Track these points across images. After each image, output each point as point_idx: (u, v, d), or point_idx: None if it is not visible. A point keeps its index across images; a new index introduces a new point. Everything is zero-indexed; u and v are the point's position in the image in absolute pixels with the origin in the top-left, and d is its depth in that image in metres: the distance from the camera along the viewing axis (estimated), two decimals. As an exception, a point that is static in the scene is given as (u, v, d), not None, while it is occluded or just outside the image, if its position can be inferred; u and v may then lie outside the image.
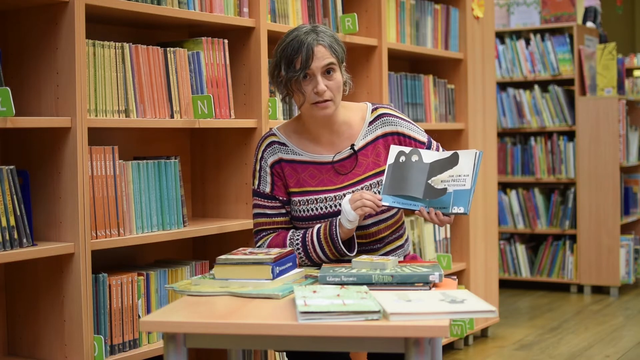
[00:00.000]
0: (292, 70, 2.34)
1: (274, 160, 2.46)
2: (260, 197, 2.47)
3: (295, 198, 2.44)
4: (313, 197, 2.41)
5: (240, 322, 1.84)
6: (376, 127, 2.46)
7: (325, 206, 2.40)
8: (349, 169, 2.43)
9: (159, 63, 2.67)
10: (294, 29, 2.41)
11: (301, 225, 2.44)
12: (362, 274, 2.09)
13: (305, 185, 2.43)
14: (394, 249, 2.47)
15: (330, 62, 2.35)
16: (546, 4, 5.93)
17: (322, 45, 2.34)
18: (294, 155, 2.45)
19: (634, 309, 5.24)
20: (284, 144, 2.47)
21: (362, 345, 1.85)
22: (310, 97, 2.36)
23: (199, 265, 2.84)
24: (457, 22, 4.21)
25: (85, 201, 2.38)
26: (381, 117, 2.48)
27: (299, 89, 2.36)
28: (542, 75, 5.95)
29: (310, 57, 2.32)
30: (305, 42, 2.33)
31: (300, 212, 2.42)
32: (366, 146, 2.44)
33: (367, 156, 2.44)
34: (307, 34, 2.35)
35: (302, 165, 2.45)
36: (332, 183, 2.42)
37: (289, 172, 2.45)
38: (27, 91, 2.47)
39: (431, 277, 2.07)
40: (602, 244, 5.68)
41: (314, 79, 2.35)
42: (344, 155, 2.44)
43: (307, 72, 2.33)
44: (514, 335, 4.56)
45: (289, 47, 2.35)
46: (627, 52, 10.20)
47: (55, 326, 2.43)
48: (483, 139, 4.38)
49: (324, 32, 2.38)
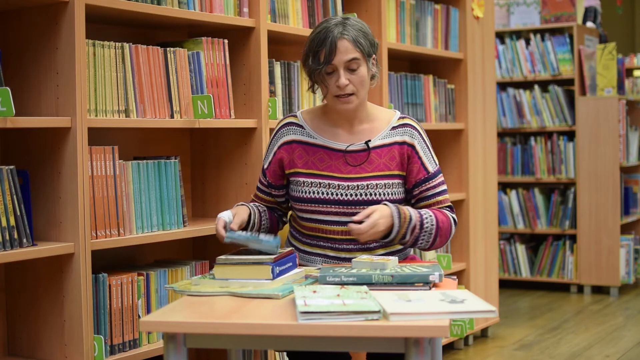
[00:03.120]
0: (316, 62, 2.36)
1: (284, 141, 2.49)
2: (262, 172, 2.56)
3: (300, 178, 2.44)
4: (317, 180, 2.42)
5: (240, 322, 1.84)
6: (397, 133, 2.46)
7: (328, 192, 2.40)
8: (359, 162, 2.43)
9: (159, 63, 2.67)
10: (326, 20, 2.43)
11: (300, 207, 2.44)
12: (362, 274, 2.09)
13: (312, 168, 2.44)
14: (393, 251, 2.46)
15: (354, 57, 2.35)
16: (546, 4, 5.93)
17: (347, 39, 2.34)
18: (308, 138, 2.47)
19: (634, 309, 5.24)
20: (301, 126, 2.49)
21: (362, 345, 1.85)
22: (332, 90, 2.37)
23: (199, 265, 2.84)
24: (457, 22, 4.21)
25: (85, 201, 2.38)
26: (405, 126, 2.48)
27: (322, 81, 2.38)
28: (542, 75, 5.95)
29: (334, 50, 2.33)
30: (331, 35, 2.34)
31: (301, 193, 2.43)
32: (382, 147, 2.44)
33: (381, 156, 2.43)
34: (335, 26, 2.36)
35: (314, 148, 2.46)
36: (339, 171, 2.42)
37: (299, 153, 2.46)
38: (27, 91, 2.47)
39: (431, 277, 2.07)
40: (602, 244, 5.67)
41: (336, 72, 2.36)
42: (357, 147, 2.44)
43: (330, 65, 2.35)
44: (514, 335, 4.56)
45: (316, 39, 2.37)
46: (627, 52, 10.20)
47: (55, 326, 2.43)
48: (483, 139, 4.38)
49: (352, 25, 2.38)
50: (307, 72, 2.42)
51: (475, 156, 4.29)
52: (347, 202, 2.39)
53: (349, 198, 2.39)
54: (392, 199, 2.41)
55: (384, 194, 2.40)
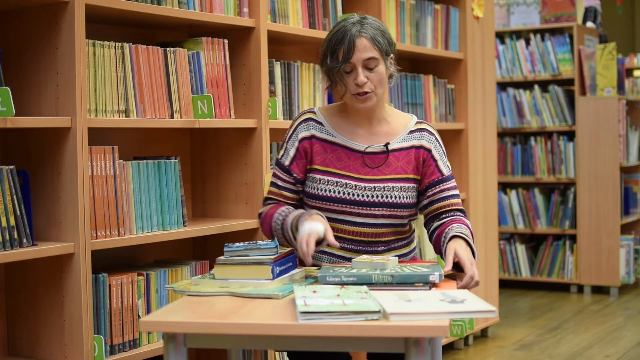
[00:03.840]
0: (334, 61, 2.36)
1: (304, 136, 2.48)
2: (279, 168, 2.51)
3: (316, 175, 2.44)
4: (334, 179, 2.42)
5: (240, 322, 1.84)
6: (414, 137, 2.48)
7: (344, 192, 2.41)
8: (377, 165, 2.44)
9: (159, 63, 2.67)
10: (344, 19, 2.43)
11: (314, 204, 2.44)
12: (362, 274, 2.09)
13: (329, 166, 2.44)
14: (398, 255, 2.46)
15: (372, 55, 2.36)
16: (546, 4, 5.93)
17: (365, 38, 2.35)
18: (328, 136, 2.47)
19: (634, 309, 5.24)
20: (321, 122, 2.49)
21: (362, 345, 1.85)
22: (351, 88, 2.38)
23: (199, 265, 2.84)
24: (457, 22, 4.21)
25: (85, 201, 2.38)
26: (422, 130, 2.50)
27: (340, 79, 2.38)
28: (542, 75, 5.95)
29: (352, 48, 2.34)
30: (349, 34, 2.35)
31: (316, 190, 2.43)
32: (400, 150, 2.46)
33: (399, 160, 2.45)
34: (353, 25, 2.37)
35: (333, 146, 2.46)
36: (356, 172, 2.43)
37: (318, 149, 2.46)
38: (27, 91, 2.47)
39: (431, 277, 2.07)
40: (602, 244, 5.67)
41: (355, 70, 2.36)
42: (376, 149, 2.45)
43: (349, 63, 2.35)
44: (514, 335, 4.56)
45: (334, 37, 2.38)
46: (627, 52, 10.20)
47: (55, 326, 2.43)
48: (483, 139, 4.38)
49: (370, 24, 2.39)
50: (326, 70, 2.42)
51: (475, 156, 4.29)
52: (362, 202, 2.40)
53: (365, 199, 2.40)
54: (406, 202, 2.43)
55: (399, 197, 2.42)
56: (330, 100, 3.43)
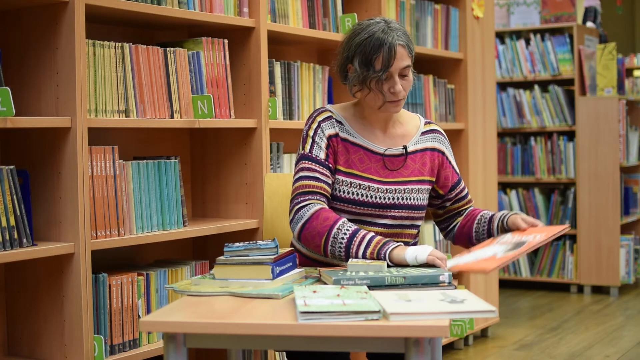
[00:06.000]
0: (372, 70, 2.33)
1: (331, 133, 2.44)
2: (312, 162, 2.41)
3: (339, 177, 2.43)
4: (357, 181, 2.41)
5: (240, 322, 1.84)
6: (427, 139, 2.51)
7: (366, 194, 2.40)
8: (396, 167, 2.45)
9: (159, 63, 2.67)
10: (366, 24, 2.38)
11: (333, 205, 2.43)
12: (376, 276, 2.08)
13: (352, 167, 2.43)
14: None
15: (408, 64, 2.36)
16: (546, 4, 5.93)
17: (402, 46, 2.34)
18: (349, 136, 2.45)
19: (634, 309, 5.24)
20: (340, 122, 2.46)
21: (362, 345, 1.85)
22: (386, 96, 2.37)
23: (199, 265, 2.84)
24: (457, 22, 4.21)
25: (85, 201, 2.38)
26: (433, 132, 2.53)
27: (378, 88, 2.36)
28: (542, 75, 5.95)
29: (392, 57, 2.32)
30: (387, 42, 2.32)
31: (338, 192, 2.41)
32: (416, 152, 2.48)
33: (415, 162, 2.47)
34: (385, 33, 2.33)
35: (355, 147, 2.45)
36: (378, 174, 2.43)
37: (341, 149, 2.44)
38: (27, 91, 2.47)
39: (441, 278, 2.08)
40: (602, 244, 5.67)
41: (391, 79, 2.35)
42: (395, 152, 2.46)
43: (387, 72, 2.34)
44: (514, 335, 4.56)
45: (368, 45, 2.33)
46: (627, 52, 10.20)
47: (55, 326, 2.44)
48: (483, 139, 4.38)
49: (398, 29, 2.37)
50: (359, 78, 2.36)
51: (475, 156, 4.29)
52: (381, 205, 2.41)
53: (385, 202, 2.41)
54: (422, 204, 2.46)
55: (416, 198, 2.44)
56: (330, 100, 3.43)
